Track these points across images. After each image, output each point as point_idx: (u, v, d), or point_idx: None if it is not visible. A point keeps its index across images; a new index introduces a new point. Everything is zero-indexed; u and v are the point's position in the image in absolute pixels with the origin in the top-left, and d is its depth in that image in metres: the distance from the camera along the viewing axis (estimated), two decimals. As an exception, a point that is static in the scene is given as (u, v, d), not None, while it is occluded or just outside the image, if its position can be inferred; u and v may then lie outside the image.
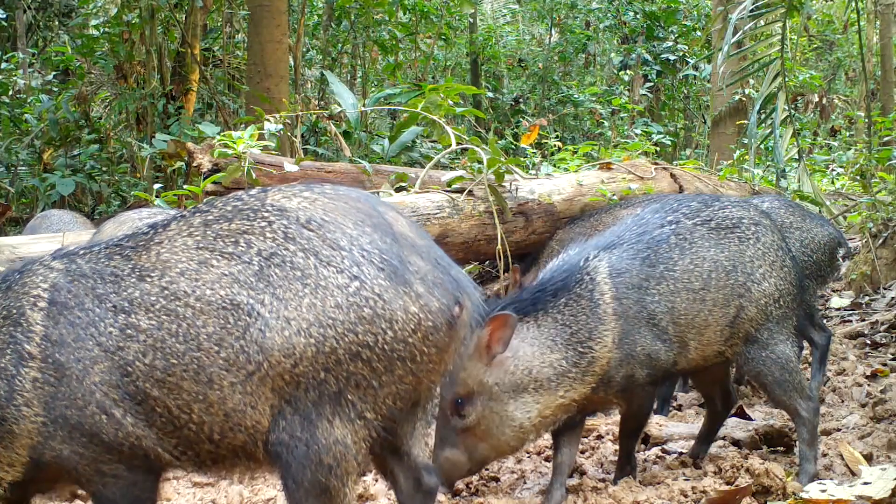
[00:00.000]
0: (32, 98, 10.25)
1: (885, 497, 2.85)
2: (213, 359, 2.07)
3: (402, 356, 2.10)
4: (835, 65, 19.55)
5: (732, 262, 3.17)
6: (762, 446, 3.69)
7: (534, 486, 3.22)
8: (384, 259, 2.12)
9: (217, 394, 2.07)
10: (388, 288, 2.09)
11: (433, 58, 14.41)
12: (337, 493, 2.12)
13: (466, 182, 7.07)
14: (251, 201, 2.22)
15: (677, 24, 16.19)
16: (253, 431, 2.11)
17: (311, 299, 2.06)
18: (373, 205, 2.26)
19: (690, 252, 3.16)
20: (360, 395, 2.09)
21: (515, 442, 3.03)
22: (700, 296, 3.12)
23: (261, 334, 2.05)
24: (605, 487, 3.13)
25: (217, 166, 6.92)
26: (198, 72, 10.36)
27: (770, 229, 3.29)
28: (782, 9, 7.79)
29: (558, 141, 12.61)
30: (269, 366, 2.06)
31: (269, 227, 2.14)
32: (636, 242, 3.17)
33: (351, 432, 2.09)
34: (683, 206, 3.29)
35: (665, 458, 3.58)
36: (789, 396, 3.22)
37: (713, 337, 3.17)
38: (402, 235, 2.20)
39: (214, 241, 2.15)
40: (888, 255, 6.49)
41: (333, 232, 2.13)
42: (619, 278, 3.09)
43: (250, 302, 2.07)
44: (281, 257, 2.10)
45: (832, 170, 13.09)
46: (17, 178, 9.33)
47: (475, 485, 3.25)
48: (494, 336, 2.91)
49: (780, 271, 3.23)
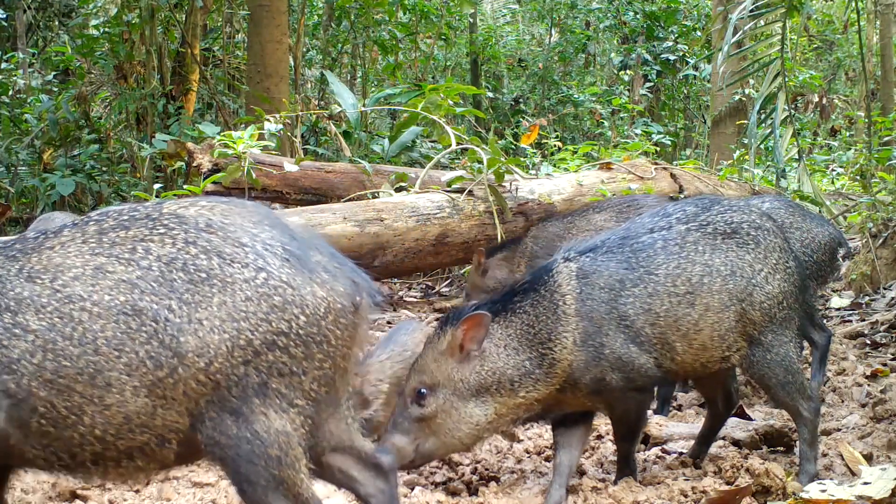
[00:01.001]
0: (32, 98, 10.25)
1: (885, 497, 2.85)
2: (112, 363, 2.09)
3: (316, 340, 2.16)
4: (835, 65, 19.55)
5: (731, 268, 3.14)
6: (762, 446, 3.69)
7: (534, 486, 3.21)
8: (287, 250, 2.19)
9: (116, 397, 2.10)
10: (295, 275, 2.16)
11: (433, 58, 14.42)
12: (293, 480, 2.17)
13: (466, 182, 7.07)
14: (148, 210, 2.26)
15: (677, 24, 16.19)
16: (163, 431, 2.14)
17: (221, 297, 2.11)
18: (267, 211, 2.35)
19: (678, 256, 3.11)
20: (286, 382, 2.14)
21: (468, 440, 3.04)
22: (687, 299, 3.08)
23: (173, 339, 2.08)
24: (605, 487, 3.13)
25: (217, 166, 6.92)
26: (198, 72, 10.36)
27: (771, 232, 3.26)
28: (782, 9, 7.79)
29: (558, 141, 12.61)
30: (184, 368, 2.09)
31: (168, 234, 2.18)
32: (617, 246, 3.16)
33: (288, 420, 2.14)
34: (678, 211, 3.26)
35: (665, 458, 3.58)
36: (792, 398, 3.21)
37: (710, 343, 3.12)
38: (298, 234, 2.29)
39: (111, 248, 2.17)
40: (888, 255, 6.49)
41: (234, 231, 2.19)
42: (586, 279, 3.07)
43: (153, 307, 2.09)
44: (183, 261, 2.13)
45: (832, 170, 13.10)
46: (17, 178, 9.34)
47: (475, 484, 3.25)
48: (468, 335, 2.96)
49: (783, 273, 3.21)
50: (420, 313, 6.62)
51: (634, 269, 3.09)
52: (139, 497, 3.10)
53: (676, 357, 3.10)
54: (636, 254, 3.12)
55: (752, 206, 3.36)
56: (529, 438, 3.83)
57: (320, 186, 7.37)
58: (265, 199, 7.68)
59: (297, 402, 2.16)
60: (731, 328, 3.12)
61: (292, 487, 2.18)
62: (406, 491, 3.16)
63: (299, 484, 2.19)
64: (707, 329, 3.09)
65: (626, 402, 3.12)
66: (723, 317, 3.10)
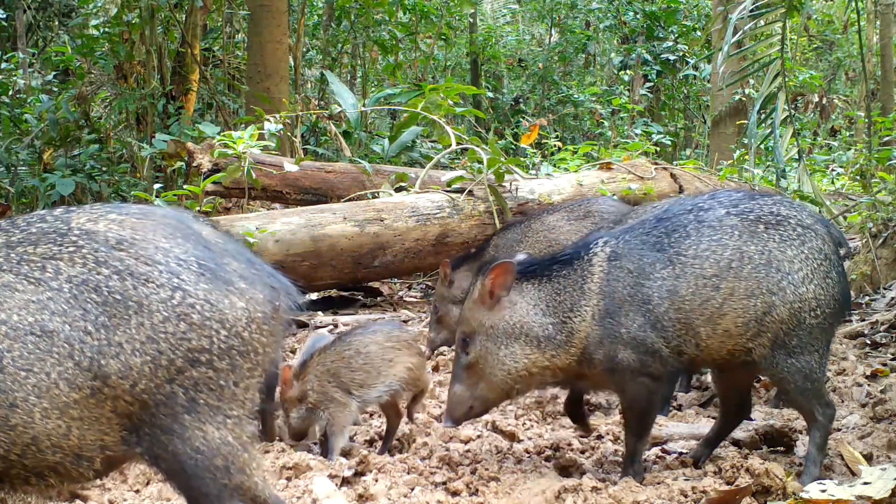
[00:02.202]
0: (32, 98, 10.24)
1: (885, 497, 2.85)
2: (19, 384, 2.05)
3: (241, 351, 2.15)
4: (835, 65, 19.55)
5: (766, 258, 3.10)
6: (762, 446, 3.69)
7: (534, 486, 3.21)
8: (201, 264, 2.15)
9: (22, 418, 2.05)
10: (212, 290, 2.13)
11: (433, 58, 14.42)
12: (247, 485, 2.17)
13: (466, 182, 7.07)
14: (56, 224, 2.19)
15: (677, 24, 16.19)
16: (78, 451, 2.10)
17: (138, 319, 2.08)
18: (179, 218, 2.29)
19: (708, 238, 3.12)
20: (217, 395, 2.13)
21: (505, 386, 3.25)
22: (713, 283, 3.08)
23: (91, 361, 2.05)
24: (605, 487, 3.13)
25: (217, 166, 6.92)
26: (198, 72, 10.35)
27: (821, 236, 3.18)
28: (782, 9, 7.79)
29: (558, 141, 12.62)
30: (109, 389, 2.06)
31: (77, 253, 2.13)
32: (653, 227, 3.21)
33: (227, 431, 2.14)
34: (723, 196, 3.24)
35: (665, 458, 3.58)
36: (809, 403, 3.19)
37: (734, 329, 3.10)
38: (212, 241, 2.24)
39: (19, 265, 2.12)
40: (888, 255, 6.49)
41: (146, 248, 2.14)
42: (616, 261, 3.17)
43: (65, 329, 2.05)
44: (95, 283, 2.09)
45: (832, 170, 13.09)
46: (17, 178, 9.33)
47: (475, 484, 3.25)
48: (497, 281, 3.21)
49: (823, 281, 3.13)
50: (420, 313, 6.62)
51: (664, 251, 3.14)
52: (139, 497, 3.10)
53: (701, 343, 3.12)
54: (668, 234, 3.17)
55: (805, 206, 3.30)
56: (529, 439, 3.83)
57: (320, 186, 7.37)
58: (265, 199, 7.70)
59: (231, 412, 2.15)
60: (756, 318, 3.09)
61: (248, 492, 2.17)
62: (406, 491, 3.16)
63: (253, 487, 2.18)
64: (731, 314, 3.08)
65: (636, 386, 3.17)
66: (749, 304, 3.08)
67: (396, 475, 3.28)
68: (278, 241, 6.22)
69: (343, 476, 3.24)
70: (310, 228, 6.44)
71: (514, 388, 3.28)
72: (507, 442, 3.75)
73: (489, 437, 3.78)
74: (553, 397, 4.37)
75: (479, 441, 3.70)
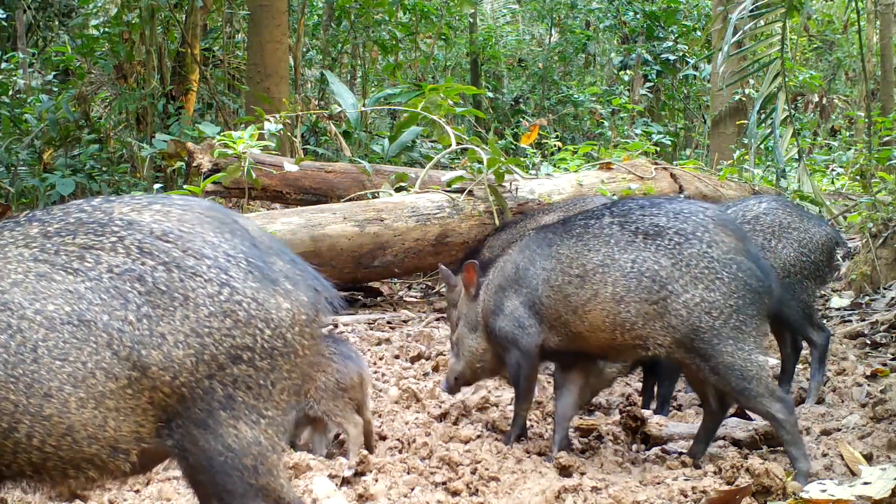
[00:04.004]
0: (32, 98, 10.25)
1: (885, 497, 2.85)
2: (53, 373, 2.04)
3: (283, 352, 2.14)
4: (835, 65, 19.54)
5: (639, 268, 3.27)
6: (762, 446, 3.69)
7: (534, 486, 3.21)
8: (250, 262, 2.15)
9: (57, 407, 2.04)
10: (260, 289, 2.12)
11: (433, 58, 14.42)
12: (272, 486, 2.17)
13: (466, 182, 7.07)
14: (96, 214, 2.18)
15: (677, 24, 16.19)
16: (115, 443, 2.10)
17: (184, 311, 2.07)
18: (225, 212, 2.28)
19: (584, 242, 3.40)
20: (254, 394, 2.12)
21: (471, 365, 3.97)
22: (577, 282, 3.38)
23: (131, 351, 2.04)
24: (605, 487, 3.13)
25: (217, 166, 6.92)
26: (198, 72, 10.36)
27: (705, 241, 3.24)
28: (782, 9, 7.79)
29: (558, 141, 12.62)
30: (148, 381, 2.06)
31: (120, 243, 2.12)
32: (561, 234, 3.54)
33: (260, 431, 2.13)
34: (618, 206, 3.47)
35: (665, 458, 3.58)
36: (757, 402, 3.22)
37: (603, 325, 3.33)
38: (258, 239, 2.24)
39: (56, 256, 2.11)
40: (888, 255, 6.49)
41: (193, 241, 2.14)
42: (522, 251, 3.67)
43: (104, 318, 2.05)
44: (139, 273, 2.09)
45: (832, 170, 13.09)
46: (17, 178, 9.33)
47: (475, 484, 3.25)
48: (465, 280, 3.99)
49: (711, 283, 3.20)
50: (420, 313, 6.62)
51: (551, 247, 3.53)
52: (139, 497, 3.10)
53: (570, 329, 3.45)
54: (561, 234, 3.55)
55: (693, 212, 3.36)
56: (530, 439, 3.83)
57: (320, 186, 7.37)
58: (265, 199, 7.70)
59: (267, 413, 2.14)
60: (630, 321, 3.28)
61: (272, 493, 2.17)
62: (406, 491, 3.16)
63: (279, 489, 2.18)
64: (597, 312, 3.34)
65: (516, 360, 3.65)
66: (617, 308, 3.30)
67: (396, 475, 3.28)
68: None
69: (343, 476, 3.24)
70: (310, 228, 6.44)
71: (475, 368, 3.96)
72: (507, 441, 3.74)
73: (489, 437, 3.79)
74: (553, 397, 4.37)
75: (479, 441, 3.70)
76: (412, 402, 4.38)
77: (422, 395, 4.44)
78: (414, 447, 3.62)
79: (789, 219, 4.43)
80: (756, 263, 3.28)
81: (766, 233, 4.37)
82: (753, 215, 4.42)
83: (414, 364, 5.20)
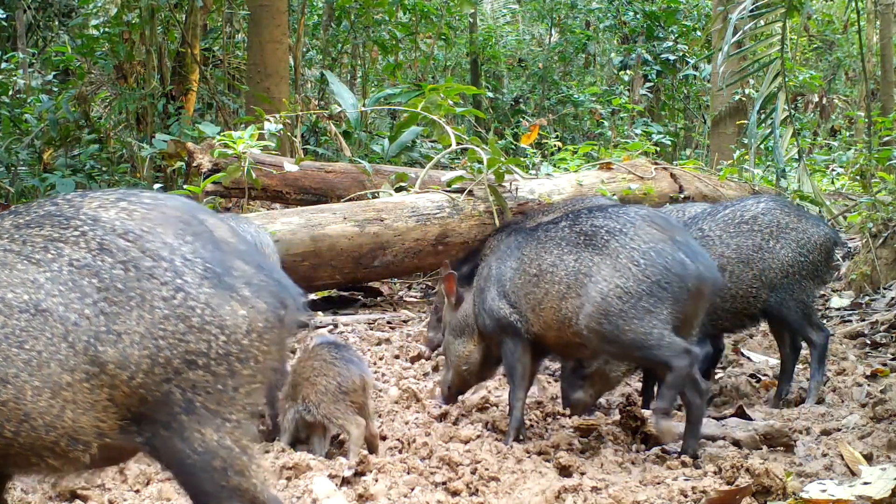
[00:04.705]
0: (32, 98, 10.25)
1: (885, 497, 2.85)
2: (10, 360, 2.07)
3: (240, 357, 2.14)
4: (835, 65, 19.54)
5: (576, 266, 3.56)
6: (762, 446, 3.69)
7: (534, 486, 3.21)
8: (207, 267, 2.14)
9: (12, 393, 2.07)
10: (214, 295, 2.12)
11: (433, 58, 14.42)
12: (245, 486, 2.17)
13: (466, 182, 7.07)
14: (65, 208, 2.21)
15: (677, 24, 16.19)
16: (73, 434, 2.11)
17: (139, 312, 2.08)
18: (192, 212, 2.26)
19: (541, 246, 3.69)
20: (215, 399, 2.12)
21: (459, 370, 4.13)
22: (534, 281, 3.67)
23: (87, 345, 2.06)
24: (605, 487, 3.13)
25: (217, 166, 6.92)
26: (198, 72, 10.36)
27: (632, 237, 3.50)
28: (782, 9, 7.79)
29: (558, 141, 12.62)
30: (106, 378, 2.07)
31: (83, 238, 2.14)
32: (527, 235, 3.83)
33: (226, 433, 2.13)
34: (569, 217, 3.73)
35: (665, 458, 3.58)
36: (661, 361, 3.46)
37: (553, 319, 3.62)
38: (224, 241, 2.22)
39: (22, 245, 2.14)
40: (888, 255, 6.49)
41: (153, 242, 2.14)
42: (496, 253, 3.95)
43: (60, 309, 2.07)
44: (97, 269, 2.10)
45: (832, 170, 13.09)
46: (17, 178, 9.33)
47: (475, 484, 3.25)
48: (447, 288, 4.20)
49: (627, 271, 3.45)
50: (420, 313, 6.62)
51: (521, 249, 3.80)
52: (139, 497, 3.10)
53: (532, 320, 3.70)
54: (526, 241, 3.80)
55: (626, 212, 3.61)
56: (530, 439, 3.84)
57: (320, 186, 7.37)
58: (265, 199, 7.69)
59: (231, 416, 2.14)
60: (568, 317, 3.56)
61: (246, 493, 2.17)
62: (406, 491, 3.16)
63: (252, 489, 2.17)
64: (549, 309, 3.62)
65: (506, 350, 3.84)
66: (562, 304, 3.58)
67: (396, 475, 3.28)
68: (278, 242, 6.20)
69: (343, 476, 3.24)
70: (310, 228, 6.44)
71: (462, 370, 4.12)
72: (507, 440, 3.74)
73: (489, 437, 3.78)
74: (553, 397, 4.37)
75: (479, 441, 3.70)
76: (412, 402, 4.38)
77: (422, 395, 4.44)
78: (414, 447, 3.62)
79: (787, 219, 4.42)
80: (684, 251, 3.48)
81: (763, 233, 4.37)
82: (751, 215, 4.42)
83: (414, 364, 5.20)
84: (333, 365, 3.60)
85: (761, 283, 4.34)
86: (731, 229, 4.39)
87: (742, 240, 4.36)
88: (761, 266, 4.33)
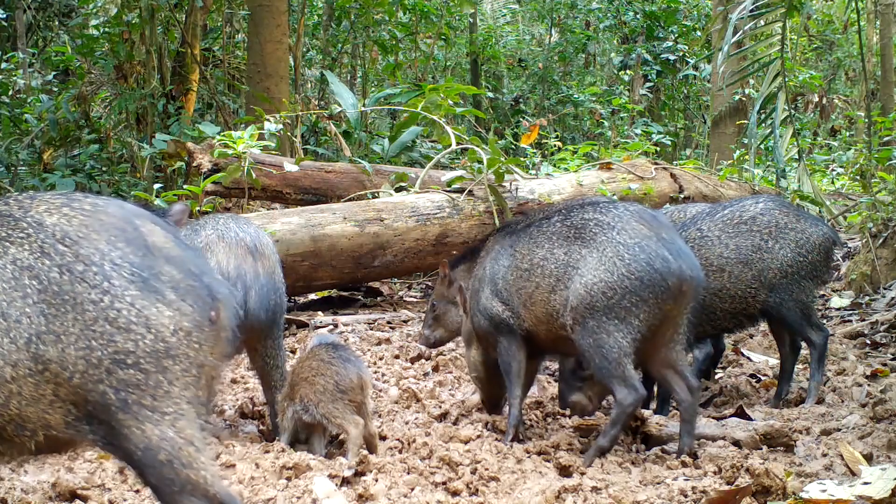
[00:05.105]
0: (32, 98, 10.24)
1: (885, 497, 2.86)
2: None
3: (170, 355, 2.24)
4: (835, 65, 19.54)
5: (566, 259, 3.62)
6: (762, 446, 3.69)
7: (534, 485, 3.22)
8: (134, 271, 2.26)
9: None
10: (139, 297, 2.24)
11: (433, 58, 14.41)
12: (195, 479, 2.24)
13: (466, 182, 7.07)
14: (14, 209, 2.33)
15: (677, 24, 16.19)
16: (21, 422, 2.23)
17: (74, 314, 2.20)
18: (129, 219, 2.38)
19: (533, 241, 3.75)
20: (150, 395, 2.22)
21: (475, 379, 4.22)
22: (525, 275, 3.72)
23: (29, 342, 2.18)
24: (605, 487, 3.13)
25: (217, 166, 6.92)
26: (198, 72, 10.35)
27: (544, 232, 3.69)
28: (782, 9, 7.80)
29: (558, 141, 12.62)
30: (50, 375, 2.19)
31: (27, 240, 2.26)
32: (520, 232, 3.86)
33: (167, 426, 2.23)
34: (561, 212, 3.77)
35: (665, 458, 3.58)
36: (608, 380, 3.49)
37: (543, 313, 3.67)
38: (156, 247, 2.33)
39: None
40: (888, 255, 6.49)
41: (86, 247, 2.26)
42: (491, 250, 3.99)
43: (3, 305, 2.19)
44: (37, 271, 2.22)
45: (832, 170, 13.09)
46: (17, 178, 9.33)
47: (475, 484, 3.25)
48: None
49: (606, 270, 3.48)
50: (420, 313, 6.62)
51: (513, 246, 3.84)
52: (139, 497, 3.11)
53: (523, 315, 3.76)
54: (519, 237, 3.85)
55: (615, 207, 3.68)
56: (530, 439, 3.84)
57: (320, 186, 7.37)
58: (265, 199, 7.70)
59: (168, 410, 2.23)
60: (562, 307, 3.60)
61: (198, 486, 2.24)
62: (406, 491, 3.16)
63: (202, 481, 2.25)
64: (540, 303, 3.69)
65: (499, 346, 3.88)
66: (551, 297, 3.63)
67: (396, 475, 3.28)
68: (278, 241, 6.21)
69: (343, 476, 3.24)
70: (310, 228, 6.44)
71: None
72: (507, 441, 3.74)
73: (489, 437, 3.79)
74: (553, 397, 4.38)
75: (479, 441, 3.70)
76: (412, 402, 4.38)
77: (422, 395, 4.44)
78: (414, 447, 3.62)
79: (786, 219, 4.42)
80: (668, 248, 3.50)
81: (762, 233, 4.37)
82: (750, 216, 4.41)
83: (414, 364, 5.20)
84: (331, 364, 3.60)
85: (760, 283, 4.33)
86: (730, 229, 4.39)
87: (741, 240, 4.36)
88: (760, 266, 4.33)
